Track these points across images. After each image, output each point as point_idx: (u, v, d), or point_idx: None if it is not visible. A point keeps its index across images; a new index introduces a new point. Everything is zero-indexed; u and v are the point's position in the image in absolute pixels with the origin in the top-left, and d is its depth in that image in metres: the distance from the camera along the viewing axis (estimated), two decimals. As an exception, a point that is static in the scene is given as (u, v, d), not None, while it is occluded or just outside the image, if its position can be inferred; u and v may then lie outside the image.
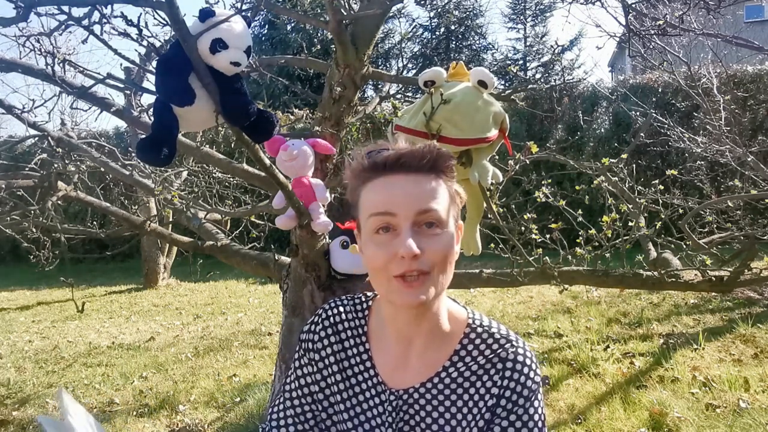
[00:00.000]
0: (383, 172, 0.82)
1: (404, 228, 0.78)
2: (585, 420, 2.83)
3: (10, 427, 3.21)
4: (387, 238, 0.80)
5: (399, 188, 0.80)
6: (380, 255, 0.80)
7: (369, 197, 0.82)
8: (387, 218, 0.80)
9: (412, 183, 0.80)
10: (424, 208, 0.79)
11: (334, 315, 0.95)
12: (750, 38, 3.95)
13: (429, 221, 0.79)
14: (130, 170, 3.15)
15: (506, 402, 0.83)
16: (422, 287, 0.79)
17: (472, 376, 0.86)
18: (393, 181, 0.81)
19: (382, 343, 0.91)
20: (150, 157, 1.20)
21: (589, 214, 2.90)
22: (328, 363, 0.93)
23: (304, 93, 2.67)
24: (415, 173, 0.81)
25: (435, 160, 0.81)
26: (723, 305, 4.76)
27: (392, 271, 0.79)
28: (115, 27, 1.24)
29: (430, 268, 0.79)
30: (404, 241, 0.77)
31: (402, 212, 0.79)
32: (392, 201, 0.80)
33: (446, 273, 0.81)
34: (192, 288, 7.66)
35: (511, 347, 0.86)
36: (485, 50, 16.47)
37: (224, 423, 3.11)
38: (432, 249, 0.79)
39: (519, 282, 2.56)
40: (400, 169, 0.81)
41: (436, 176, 0.82)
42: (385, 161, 0.81)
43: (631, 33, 2.86)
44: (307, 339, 0.95)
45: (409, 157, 0.81)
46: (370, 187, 0.83)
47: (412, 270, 0.78)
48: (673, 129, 5.35)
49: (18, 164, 3.63)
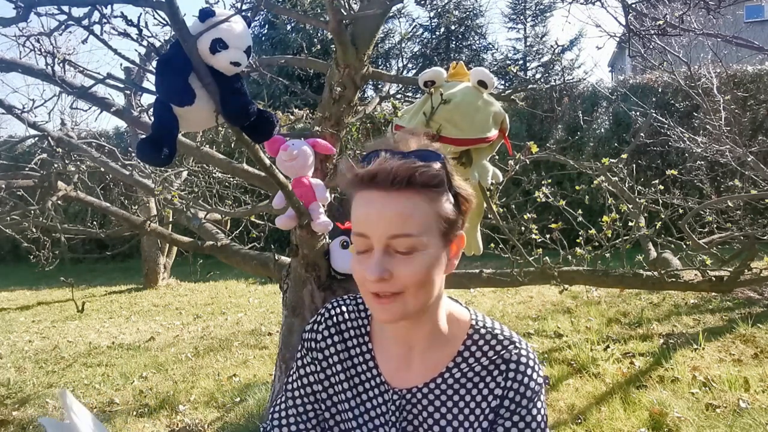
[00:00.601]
0: (362, 186, 0.79)
1: (376, 250, 0.77)
2: (585, 420, 2.84)
3: (10, 427, 3.21)
4: (363, 257, 0.80)
5: (373, 208, 0.78)
6: (357, 272, 0.81)
7: (353, 211, 0.81)
8: (363, 239, 0.79)
9: (387, 203, 0.77)
10: (394, 233, 0.76)
11: (337, 314, 0.95)
12: (750, 38, 3.95)
13: (401, 248, 0.77)
14: (130, 170, 3.15)
15: (509, 403, 0.83)
16: (393, 306, 0.78)
17: (475, 378, 0.86)
18: (370, 198, 0.78)
19: (385, 343, 0.92)
20: (150, 157, 1.20)
21: (589, 214, 2.90)
22: (331, 362, 0.93)
23: (304, 93, 2.67)
24: (392, 190, 0.77)
25: (411, 176, 0.76)
26: (723, 305, 4.76)
27: (368, 288, 0.79)
28: (115, 27, 1.24)
29: (401, 290, 0.78)
30: (372, 264, 0.77)
31: (375, 235, 0.77)
32: (366, 222, 0.78)
33: (423, 292, 0.80)
34: (192, 288, 7.66)
35: (514, 348, 0.86)
36: (485, 50, 16.48)
37: (224, 423, 3.11)
38: (403, 273, 0.77)
39: (519, 282, 2.56)
40: (376, 187, 0.77)
41: (416, 194, 0.77)
42: (363, 177, 0.78)
43: (631, 33, 2.86)
44: (310, 338, 0.95)
45: (383, 174, 0.76)
46: (355, 199, 0.81)
47: (383, 291, 0.78)
48: (673, 129, 5.35)
49: (18, 164, 3.63)
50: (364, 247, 0.80)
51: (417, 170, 0.76)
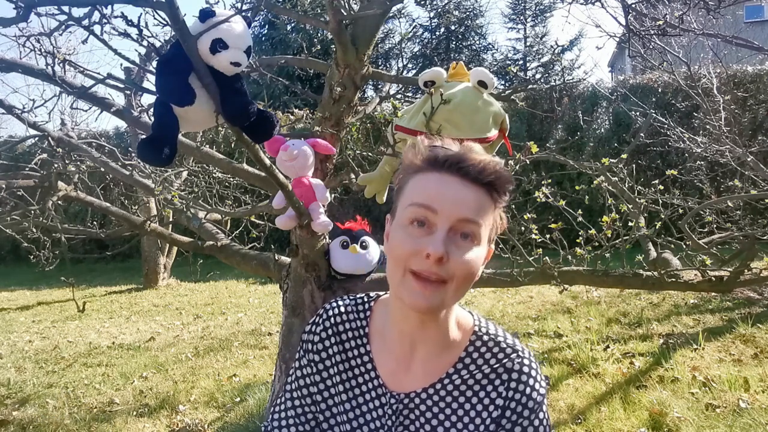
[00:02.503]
0: (440, 168, 0.79)
1: (440, 228, 0.76)
2: (585, 420, 2.84)
3: (10, 427, 3.21)
4: (419, 232, 0.77)
5: (449, 189, 0.78)
6: (407, 245, 0.77)
7: (417, 186, 0.80)
8: (427, 213, 0.77)
9: (464, 189, 0.78)
10: (467, 216, 0.77)
11: (335, 315, 0.93)
12: (750, 38, 3.95)
13: (466, 232, 0.77)
14: (130, 170, 3.15)
15: (511, 414, 0.82)
16: (435, 294, 0.77)
17: (476, 385, 0.84)
18: (446, 180, 0.78)
19: (385, 344, 0.90)
20: (151, 157, 1.20)
21: (589, 214, 2.90)
22: (328, 364, 0.91)
23: (304, 93, 2.67)
24: (471, 182, 0.78)
25: (495, 178, 0.78)
26: (723, 305, 4.76)
27: (411, 264, 0.77)
28: (115, 27, 1.24)
29: (449, 278, 0.76)
30: (436, 240, 0.75)
31: (444, 212, 0.77)
32: (439, 198, 0.77)
33: (463, 288, 0.79)
34: (192, 288, 7.66)
35: (517, 357, 0.84)
36: (485, 50, 16.47)
37: (224, 423, 3.11)
38: (458, 259, 0.76)
39: (519, 282, 2.56)
40: (458, 173, 0.78)
41: (489, 194, 0.79)
42: (446, 159, 0.79)
43: (631, 33, 2.85)
44: (308, 340, 0.94)
45: (471, 163, 0.78)
46: (421, 177, 0.80)
47: (432, 273, 0.75)
48: (673, 129, 5.34)
49: (18, 164, 3.64)
50: (423, 219, 0.77)
51: (501, 173, 0.79)
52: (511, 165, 2.36)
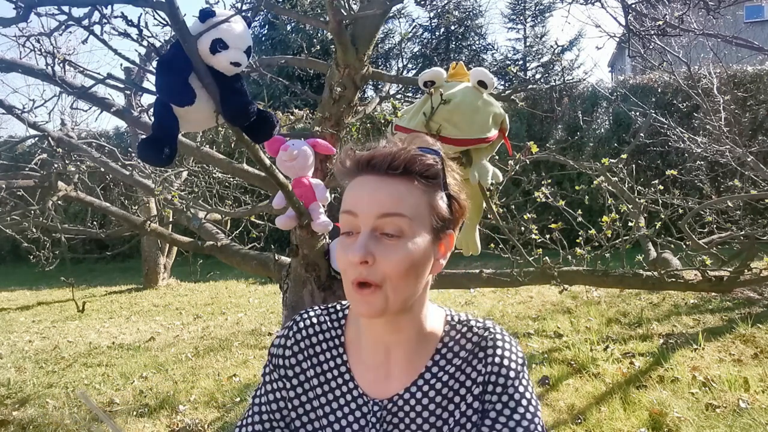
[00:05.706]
0: (358, 172, 0.79)
1: (362, 232, 0.75)
2: (585, 420, 2.83)
3: (10, 427, 3.21)
4: (349, 241, 0.77)
5: (364, 189, 0.77)
6: (341, 258, 0.77)
7: (344, 195, 0.80)
8: (351, 218, 0.77)
9: (378, 185, 0.77)
10: (385, 211, 0.75)
11: (307, 327, 0.89)
12: (750, 38, 3.95)
13: (390, 228, 0.75)
14: (130, 170, 3.16)
15: (493, 386, 0.81)
16: (374, 298, 0.75)
17: (456, 372, 0.83)
18: (362, 181, 0.78)
19: (361, 352, 0.87)
20: (151, 157, 1.20)
21: (589, 214, 2.91)
22: (303, 379, 0.87)
23: (304, 93, 2.67)
24: (385, 176, 0.77)
25: (409, 164, 0.76)
26: (723, 305, 4.76)
27: (350, 275, 0.76)
28: (115, 27, 1.25)
29: (380, 281, 0.75)
30: (357, 244, 0.74)
31: (363, 213, 0.76)
32: (357, 201, 0.77)
33: (404, 286, 0.76)
34: (192, 288, 7.66)
35: (489, 335, 0.84)
36: (485, 50, 16.49)
37: (224, 423, 3.11)
38: (386, 259, 0.74)
39: (519, 282, 2.56)
40: (372, 171, 0.77)
41: (410, 182, 0.77)
42: (358, 161, 0.78)
43: (631, 33, 2.85)
44: (276, 354, 0.89)
45: (380, 158, 0.77)
46: (350, 185, 0.80)
47: (363, 278, 0.75)
48: (673, 129, 5.35)
49: (18, 164, 3.64)
50: (350, 227, 0.77)
51: (415, 157, 0.77)
52: (511, 165, 2.37)
